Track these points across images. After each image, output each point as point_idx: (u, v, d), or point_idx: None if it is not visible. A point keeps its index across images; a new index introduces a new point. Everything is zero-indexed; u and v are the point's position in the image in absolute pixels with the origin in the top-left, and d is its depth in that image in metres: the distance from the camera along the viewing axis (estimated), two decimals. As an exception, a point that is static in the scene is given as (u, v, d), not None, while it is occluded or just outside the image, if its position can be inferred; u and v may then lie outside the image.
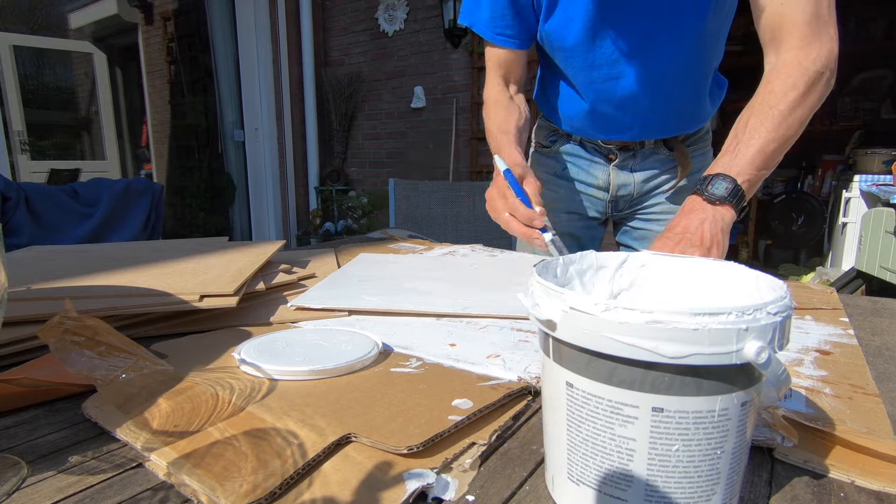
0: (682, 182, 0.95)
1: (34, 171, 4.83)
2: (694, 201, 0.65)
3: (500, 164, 0.74)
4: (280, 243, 0.87)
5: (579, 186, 1.01)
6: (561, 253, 0.66)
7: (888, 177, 2.66)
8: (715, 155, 0.94)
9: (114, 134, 5.65)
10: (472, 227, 2.42)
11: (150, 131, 5.48)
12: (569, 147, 1.00)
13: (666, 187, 0.97)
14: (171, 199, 4.84)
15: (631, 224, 1.03)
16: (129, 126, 6.19)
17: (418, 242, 1.13)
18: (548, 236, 0.67)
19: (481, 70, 3.45)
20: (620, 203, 1.00)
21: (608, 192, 0.99)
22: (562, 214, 1.03)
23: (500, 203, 0.71)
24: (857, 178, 2.77)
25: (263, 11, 4.01)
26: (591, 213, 1.02)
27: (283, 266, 0.78)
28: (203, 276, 0.66)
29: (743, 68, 3.69)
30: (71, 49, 5.54)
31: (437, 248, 1.06)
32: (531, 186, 0.71)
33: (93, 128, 5.73)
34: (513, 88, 0.92)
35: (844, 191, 2.84)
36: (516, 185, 0.70)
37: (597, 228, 1.05)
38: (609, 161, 0.97)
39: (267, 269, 0.76)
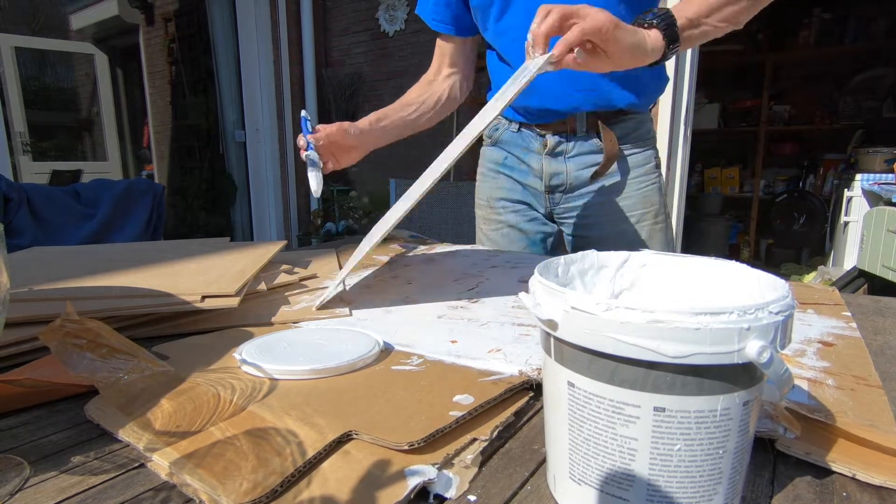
0: (615, 179, 0.94)
1: (36, 173, 4.84)
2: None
3: (302, 113, 0.91)
4: (281, 244, 0.87)
5: (518, 175, 1.02)
6: (312, 164, 0.81)
7: (890, 175, 2.65)
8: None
9: (115, 135, 5.66)
10: (473, 228, 2.41)
11: (152, 132, 5.48)
12: (508, 135, 1.02)
13: (593, 187, 0.95)
14: (172, 199, 4.84)
15: (569, 232, 1.01)
16: (131, 127, 6.19)
17: (419, 242, 1.13)
18: (309, 152, 0.83)
19: (481, 70, 3.43)
20: (556, 193, 0.99)
21: (542, 180, 0.98)
22: (506, 203, 1.04)
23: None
24: (858, 176, 2.76)
25: (264, 12, 4.01)
26: (534, 205, 1.02)
27: (284, 266, 0.79)
28: (205, 276, 0.66)
29: (743, 68, 3.69)
30: (72, 50, 5.55)
31: (438, 247, 1.06)
32: (333, 128, 0.87)
33: (94, 129, 5.74)
34: (445, 70, 1.03)
35: (846, 190, 2.83)
36: (305, 127, 0.86)
37: (545, 224, 1.04)
38: (543, 147, 0.97)
39: (268, 269, 0.76)
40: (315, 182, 0.83)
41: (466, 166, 3.69)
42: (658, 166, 0.97)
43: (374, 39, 3.95)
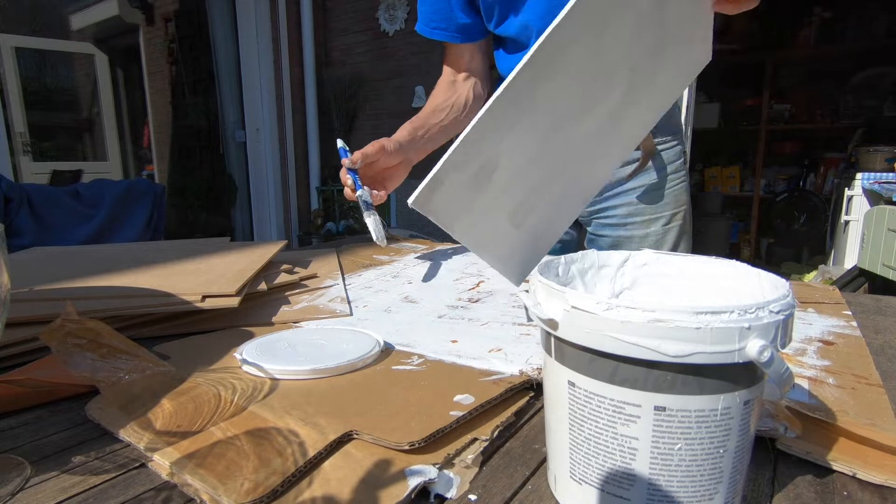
0: (653, 178, 0.89)
1: (36, 173, 4.84)
2: None
3: (338, 143, 0.86)
4: (282, 243, 0.87)
5: None
6: (366, 207, 0.77)
7: (891, 174, 2.65)
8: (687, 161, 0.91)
9: (115, 135, 5.66)
10: (473, 227, 2.41)
11: (152, 132, 5.48)
12: None
13: (631, 185, 0.91)
14: (172, 199, 4.83)
15: (593, 231, 0.97)
16: (131, 127, 6.19)
17: (419, 242, 1.13)
18: (360, 192, 0.77)
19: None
20: None
21: None
22: None
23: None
24: (859, 175, 2.76)
25: (264, 12, 4.01)
26: None
27: (284, 266, 0.79)
28: (205, 276, 0.66)
29: (744, 67, 3.68)
30: (72, 50, 5.55)
31: (439, 247, 1.06)
32: (370, 147, 0.80)
33: (94, 129, 5.74)
34: (461, 75, 0.97)
35: (847, 189, 2.83)
36: (344, 153, 0.81)
37: (567, 231, 0.99)
38: None
39: (269, 269, 0.76)
40: (374, 227, 0.76)
41: (467, 166, 3.68)
42: (686, 162, 0.93)
43: (374, 39, 3.95)
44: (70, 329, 0.45)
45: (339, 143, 0.86)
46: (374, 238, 0.76)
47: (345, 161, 0.79)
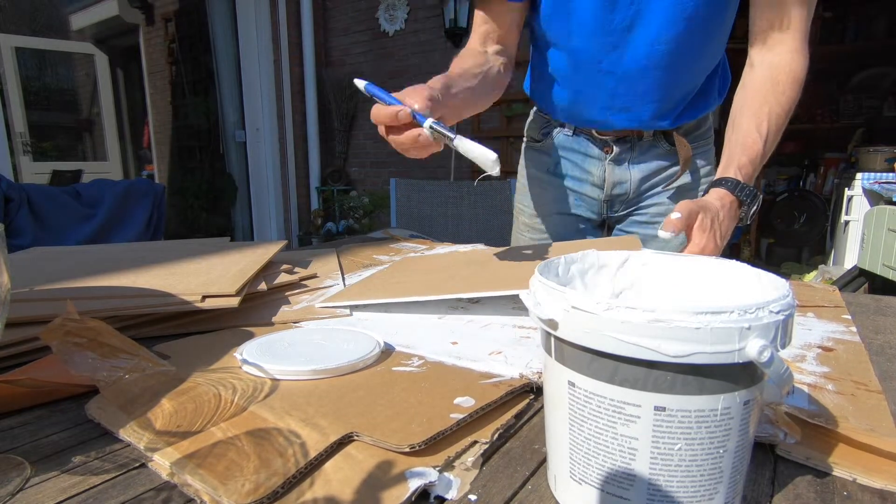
0: (685, 180, 0.91)
1: (36, 173, 4.84)
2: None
3: (359, 84, 0.62)
4: (282, 243, 0.87)
5: (572, 184, 0.95)
6: (448, 133, 0.55)
7: (891, 174, 2.65)
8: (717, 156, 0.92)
9: (115, 135, 5.66)
10: (473, 227, 2.41)
11: (152, 132, 5.48)
12: (562, 138, 0.94)
13: (664, 187, 0.92)
14: (172, 199, 4.84)
15: (623, 227, 0.97)
16: (131, 127, 6.19)
17: (420, 242, 1.13)
18: (427, 122, 0.55)
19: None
20: (616, 203, 0.95)
21: (603, 189, 0.93)
22: (553, 217, 0.99)
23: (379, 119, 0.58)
24: (859, 175, 2.76)
25: (264, 12, 4.01)
26: (586, 214, 0.97)
27: (284, 266, 0.79)
28: (205, 276, 0.66)
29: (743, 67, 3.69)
30: (72, 50, 5.55)
31: (439, 247, 1.06)
32: (421, 99, 0.57)
33: (94, 129, 5.75)
34: (491, 47, 0.84)
35: (847, 189, 2.83)
36: (379, 91, 0.59)
37: (592, 231, 1.00)
38: (605, 154, 0.91)
39: (269, 269, 0.76)
40: (478, 148, 0.54)
41: (466, 165, 3.69)
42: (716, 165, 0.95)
43: (374, 39, 3.95)
44: (70, 328, 0.45)
45: (362, 83, 0.62)
46: (487, 163, 0.54)
47: (396, 107, 0.56)
